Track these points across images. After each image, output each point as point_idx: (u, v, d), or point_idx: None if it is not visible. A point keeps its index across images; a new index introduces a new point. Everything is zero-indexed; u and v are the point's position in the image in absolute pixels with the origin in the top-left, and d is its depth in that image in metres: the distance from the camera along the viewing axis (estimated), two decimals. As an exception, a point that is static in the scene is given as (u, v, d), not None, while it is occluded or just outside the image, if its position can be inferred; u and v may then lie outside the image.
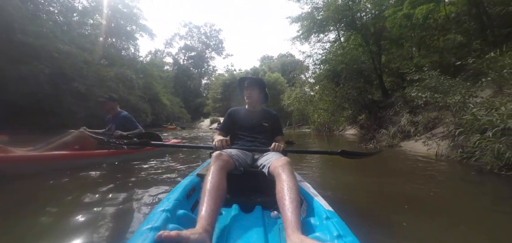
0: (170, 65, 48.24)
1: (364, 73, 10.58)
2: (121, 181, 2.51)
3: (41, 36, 9.88)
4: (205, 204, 0.91)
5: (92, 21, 21.11)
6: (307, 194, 1.20)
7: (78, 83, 9.69)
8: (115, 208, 1.74)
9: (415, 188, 2.40)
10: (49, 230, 1.43)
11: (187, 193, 1.19)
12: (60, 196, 2.04)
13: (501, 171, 2.57)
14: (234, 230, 0.96)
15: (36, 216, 1.61)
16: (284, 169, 1.11)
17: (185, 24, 55.00)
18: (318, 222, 0.97)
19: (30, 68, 8.13)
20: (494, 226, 1.57)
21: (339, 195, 1.92)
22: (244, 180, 1.43)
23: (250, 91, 1.88)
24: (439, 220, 1.62)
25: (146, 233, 0.70)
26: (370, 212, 1.74)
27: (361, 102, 10.81)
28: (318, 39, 15.07)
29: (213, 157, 1.22)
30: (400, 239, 1.39)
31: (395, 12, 8.29)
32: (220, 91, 41.90)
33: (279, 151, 1.50)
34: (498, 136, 2.47)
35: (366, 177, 2.94)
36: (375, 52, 10.98)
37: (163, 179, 2.61)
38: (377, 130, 7.56)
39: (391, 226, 1.55)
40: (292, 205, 0.91)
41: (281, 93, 27.22)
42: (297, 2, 15.38)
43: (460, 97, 3.43)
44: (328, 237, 0.82)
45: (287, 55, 54.35)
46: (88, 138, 3.24)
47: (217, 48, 56.60)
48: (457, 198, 2.13)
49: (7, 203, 1.90)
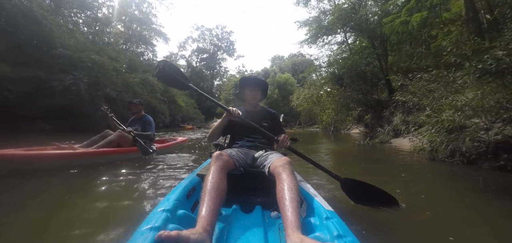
0: (184, 68, 50.01)
1: (367, 75, 11.19)
2: (122, 180, 2.58)
3: (77, 49, 11.35)
4: (205, 204, 0.92)
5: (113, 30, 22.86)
6: (307, 194, 1.20)
7: (110, 89, 11.11)
8: (115, 207, 1.80)
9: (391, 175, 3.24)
10: (50, 229, 1.46)
11: (187, 193, 1.19)
12: (61, 194, 2.14)
13: (446, 159, 3.39)
14: (234, 230, 0.97)
15: (37, 215, 1.66)
16: (284, 169, 1.13)
17: (197, 27, 56.76)
18: (318, 222, 0.97)
19: (72, 78, 9.52)
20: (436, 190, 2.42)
21: (339, 195, 1.98)
22: (244, 180, 1.44)
23: (255, 93, 1.89)
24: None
25: (146, 233, 0.71)
26: (370, 212, 1.77)
27: (367, 103, 11.47)
28: (325, 42, 15.72)
29: (213, 157, 1.24)
30: (400, 239, 1.44)
31: (394, 19, 8.93)
32: (232, 93, 43.02)
33: (286, 145, 1.55)
34: (443, 132, 3.28)
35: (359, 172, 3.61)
36: (381, 54, 11.58)
37: (163, 179, 2.62)
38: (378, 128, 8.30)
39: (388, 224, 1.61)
40: (292, 205, 0.91)
41: (291, 93, 27.85)
42: (305, 7, 16.20)
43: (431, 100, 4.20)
44: (328, 237, 0.82)
45: (297, 55, 54.57)
46: (126, 137, 3.70)
47: (228, 49, 57.83)
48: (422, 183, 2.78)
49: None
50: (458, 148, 3.09)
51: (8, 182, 2.39)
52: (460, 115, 3.29)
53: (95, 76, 10.51)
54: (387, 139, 6.27)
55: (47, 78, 9.21)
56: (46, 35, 10.40)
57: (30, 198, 2.01)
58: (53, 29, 10.96)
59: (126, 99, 11.53)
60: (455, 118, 3.21)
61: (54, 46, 10.57)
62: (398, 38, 9.36)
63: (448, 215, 1.76)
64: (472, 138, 2.95)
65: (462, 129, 3.31)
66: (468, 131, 3.09)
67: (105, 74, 11.14)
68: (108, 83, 11.20)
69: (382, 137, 6.58)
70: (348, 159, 4.62)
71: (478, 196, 2.19)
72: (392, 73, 12.08)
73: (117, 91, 11.62)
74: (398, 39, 9.63)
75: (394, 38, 9.48)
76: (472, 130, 3.06)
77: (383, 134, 6.75)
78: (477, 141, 2.92)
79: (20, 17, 9.57)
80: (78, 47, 11.43)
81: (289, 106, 24.15)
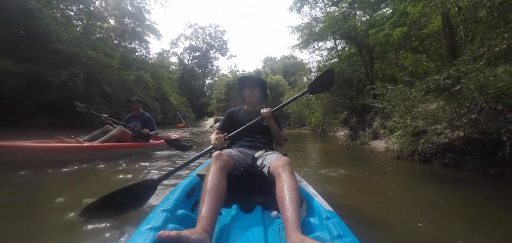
0: (176, 65, 49.79)
1: (353, 82, 11.96)
2: (124, 180, 2.62)
3: (72, 44, 11.48)
4: (205, 204, 0.92)
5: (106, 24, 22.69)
6: (307, 194, 1.21)
7: (106, 86, 11.34)
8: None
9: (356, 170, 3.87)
10: (50, 228, 1.46)
11: (187, 193, 1.19)
12: (63, 190, 2.13)
13: (408, 158, 4.08)
14: (234, 230, 0.97)
15: (35, 214, 1.67)
16: (284, 169, 1.13)
17: (190, 25, 56.77)
18: (318, 222, 0.97)
19: (68, 73, 9.72)
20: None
21: (339, 195, 2.00)
22: (244, 180, 1.45)
23: (252, 92, 1.91)
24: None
25: (146, 233, 0.72)
26: (369, 212, 1.82)
27: (352, 107, 12.22)
28: (316, 48, 16.45)
29: (213, 157, 1.24)
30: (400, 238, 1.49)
31: (378, 32, 9.71)
32: (223, 92, 43.25)
33: (268, 114, 1.63)
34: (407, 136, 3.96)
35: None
36: (368, 61, 12.37)
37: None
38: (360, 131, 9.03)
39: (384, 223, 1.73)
40: (292, 205, 0.92)
41: (282, 95, 28.53)
42: (298, 13, 16.87)
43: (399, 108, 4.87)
44: (328, 237, 0.83)
45: (289, 57, 55.45)
46: (127, 132, 3.88)
47: (221, 49, 58.02)
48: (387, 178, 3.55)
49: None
50: (416, 149, 3.77)
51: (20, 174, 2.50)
52: (422, 122, 3.97)
53: (91, 72, 10.73)
54: (366, 140, 6.98)
55: (44, 73, 9.36)
56: (42, 29, 10.49)
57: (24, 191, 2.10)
58: (49, 23, 11.05)
59: (121, 96, 11.75)
60: (419, 124, 3.89)
61: (50, 40, 10.67)
62: (381, 49, 10.15)
63: (404, 201, 2.39)
64: (426, 141, 3.63)
65: (424, 133, 3.99)
66: (426, 135, 3.76)
67: (101, 70, 11.36)
68: (104, 79, 11.43)
69: (363, 138, 7.28)
70: (331, 156, 5.33)
71: (428, 185, 2.87)
72: (378, 80, 12.94)
73: (112, 88, 11.85)
74: (382, 50, 10.43)
75: (377, 49, 10.26)
76: (429, 135, 3.73)
77: (364, 136, 7.46)
78: (430, 143, 3.60)
79: (17, 11, 9.66)
80: (73, 42, 11.56)
81: (279, 107, 24.80)
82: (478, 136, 3.08)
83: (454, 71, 3.19)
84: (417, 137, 3.91)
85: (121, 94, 12.00)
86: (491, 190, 2.69)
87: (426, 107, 3.97)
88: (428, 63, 3.98)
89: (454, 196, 2.53)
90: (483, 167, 3.01)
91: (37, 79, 9.08)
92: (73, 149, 3.19)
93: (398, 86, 4.93)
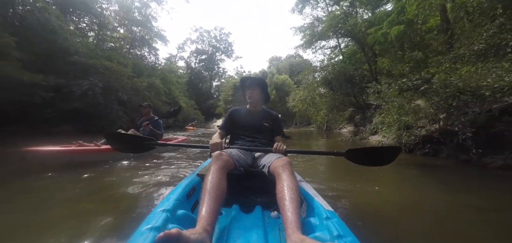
0: (183, 69, 50.94)
1: (355, 79, 12.30)
2: (125, 179, 2.70)
3: (89, 56, 12.37)
4: (205, 204, 0.93)
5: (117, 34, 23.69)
6: (307, 194, 1.21)
7: (121, 93, 12.20)
8: (115, 207, 1.84)
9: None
10: (49, 229, 1.48)
11: (187, 193, 1.19)
12: (64, 191, 2.22)
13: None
14: (234, 230, 0.97)
15: (36, 213, 1.69)
16: (284, 169, 1.14)
17: (196, 29, 57.65)
18: (318, 222, 0.98)
19: (88, 83, 10.58)
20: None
21: (339, 195, 2.04)
22: (244, 180, 1.46)
23: (251, 91, 1.91)
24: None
25: (146, 233, 0.72)
26: (369, 212, 1.85)
27: (357, 104, 12.53)
28: (319, 47, 16.79)
29: (213, 157, 1.24)
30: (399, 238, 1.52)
31: (377, 31, 10.04)
32: (230, 93, 43.87)
33: (281, 151, 1.50)
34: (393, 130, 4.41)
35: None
36: (371, 58, 12.65)
37: (163, 179, 2.71)
38: (361, 127, 9.43)
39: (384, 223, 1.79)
40: (292, 205, 0.93)
41: (288, 95, 28.90)
42: (300, 14, 17.25)
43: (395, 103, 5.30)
44: (328, 237, 0.83)
45: (295, 56, 55.51)
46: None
47: (226, 51, 58.81)
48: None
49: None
50: (401, 141, 4.22)
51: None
52: (410, 117, 4.41)
53: (107, 81, 11.59)
54: (366, 136, 7.40)
55: (66, 84, 10.25)
56: (61, 43, 11.42)
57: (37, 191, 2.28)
58: (67, 37, 11.97)
59: (136, 102, 12.57)
60: (404, 119, 4.32)
61: (69, 53, 11.59)
62: (380, 47, 10.48)
63: (394, 188, 2.88)
64: (411, 134, 4.08)
65: (411, 127, 4.43)
66: (411, 129, 4.21)
67: (117, 79, 12.23)
68: (119, 87, 12.30)
69: (363, 134, 7.70)
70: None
71: (411, 170, 3.37)
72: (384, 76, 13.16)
73: (127, 95, 12.73)
74: (380, 48, 10.76)
75: (376, 48, 10.59)
76: (413, 129, 4.18)
77: (364, 132, 7.87)
78: (413, 135, 4.05)
79: (39, 29, 10.58)
80: (90, 54, 12.48)
81: (286, 107, 25.37)
82: (450, 128, 3.51)
83: (425, 73, 3.65)
84: (402, 130, 4.35)
85: (135, 101, 12.82)
86: (460, 173, 3.20)
87: (409, 105, 4.40)
88: (403, 66, 4.40)
89: (431, 179, 2.99)
90: (455, 154, 3.46)
91: (60, 89, 9.97)
92: (91, 151, 3.61)
93: (383, 85, 5.36)
